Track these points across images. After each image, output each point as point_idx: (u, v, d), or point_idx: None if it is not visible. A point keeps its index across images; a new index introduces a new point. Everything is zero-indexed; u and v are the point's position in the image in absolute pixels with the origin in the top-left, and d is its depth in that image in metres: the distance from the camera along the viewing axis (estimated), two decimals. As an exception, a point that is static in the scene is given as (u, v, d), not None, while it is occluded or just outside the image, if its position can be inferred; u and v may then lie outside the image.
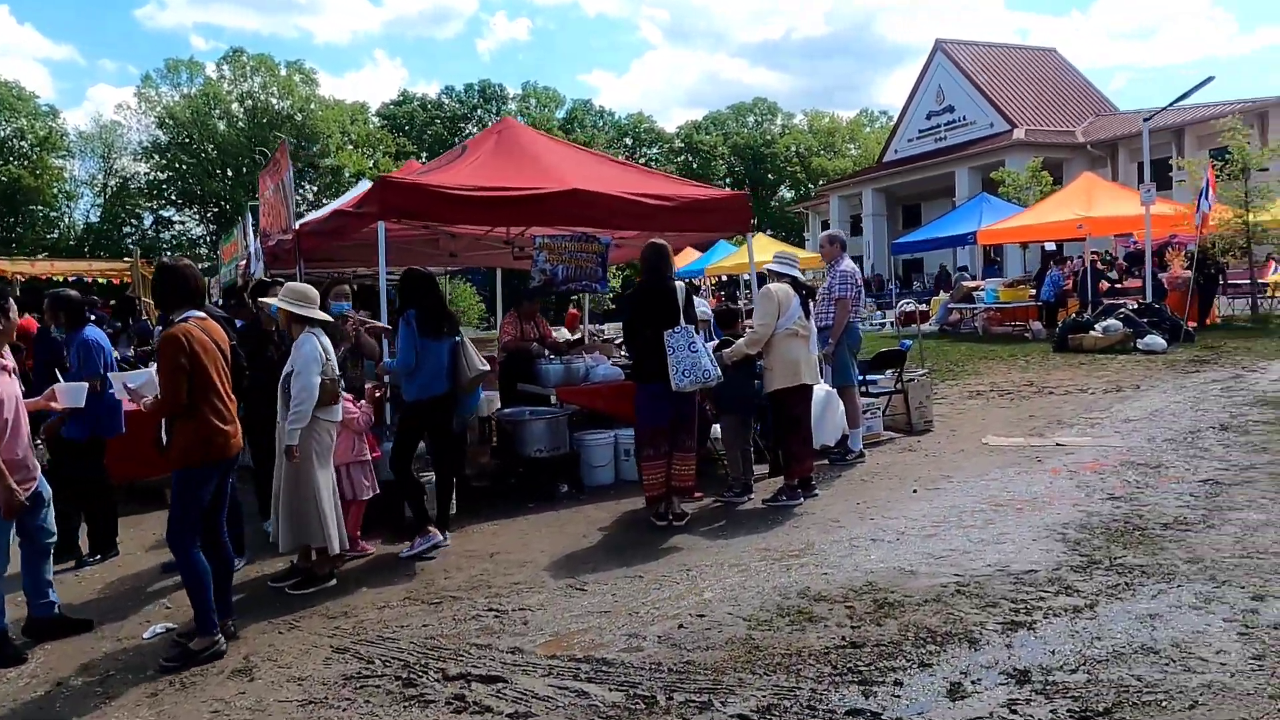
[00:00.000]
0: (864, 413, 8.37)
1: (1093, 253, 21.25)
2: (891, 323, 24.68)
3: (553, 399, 7.49)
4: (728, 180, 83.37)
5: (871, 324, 25.65)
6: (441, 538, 5.63)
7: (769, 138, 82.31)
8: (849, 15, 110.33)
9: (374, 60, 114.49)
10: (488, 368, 5.75)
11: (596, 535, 5.94)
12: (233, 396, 4.21)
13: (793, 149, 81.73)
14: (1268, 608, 3.92)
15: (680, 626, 4.23)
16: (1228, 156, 17.36)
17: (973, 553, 5.02)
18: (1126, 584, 4.36)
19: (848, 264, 7.71)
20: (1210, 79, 16.14)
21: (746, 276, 36.51)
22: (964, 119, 42.14)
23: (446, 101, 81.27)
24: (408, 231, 8.78)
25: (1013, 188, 27.03)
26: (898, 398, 9.06)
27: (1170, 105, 18.37)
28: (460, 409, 5.89)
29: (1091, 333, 14.77)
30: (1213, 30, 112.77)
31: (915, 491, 6.50)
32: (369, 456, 5.66)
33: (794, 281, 6.54)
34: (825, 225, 51.30)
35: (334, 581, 5.18)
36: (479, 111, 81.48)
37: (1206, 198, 15.00)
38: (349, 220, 7.74)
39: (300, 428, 4.83)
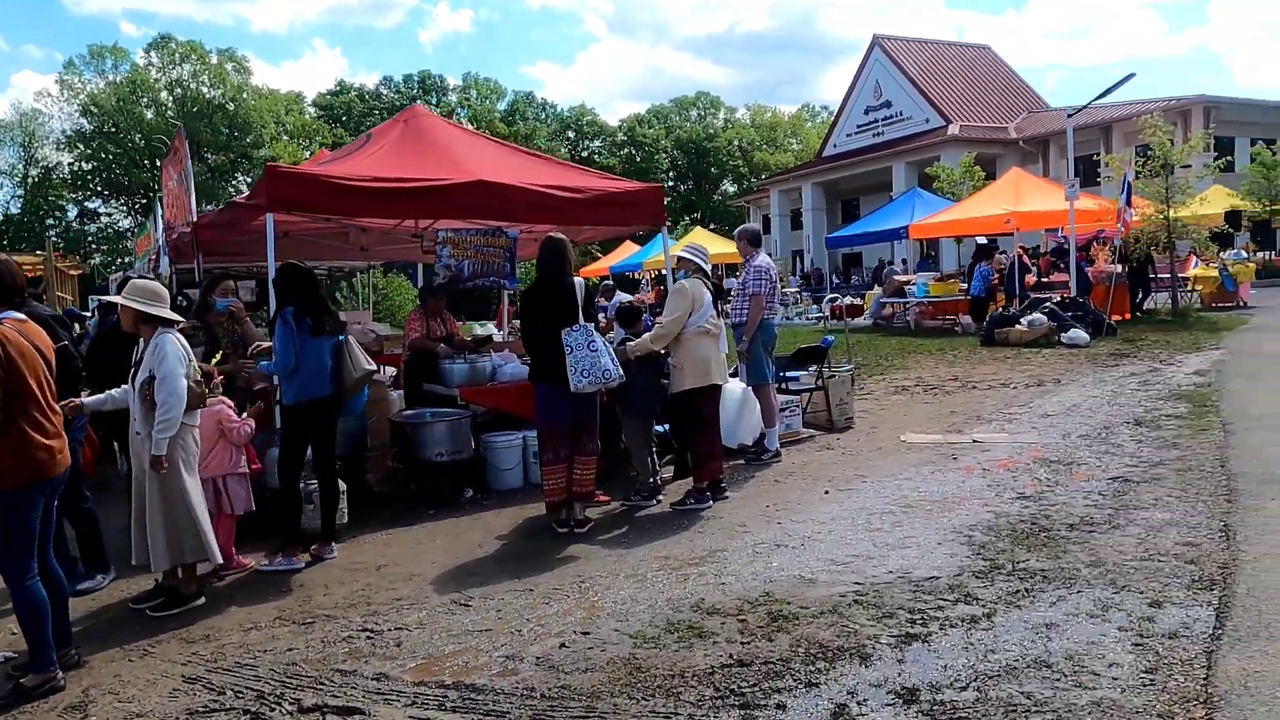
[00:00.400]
0: (782, 411, 8.20)
1: (1020, 247, 21.53)
2: (825, 317, 24.79)
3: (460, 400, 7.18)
4: (670, 174, 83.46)
5: (807, 318, 25.75)
6: (302, 565, 5.29)
7: (712, 132, 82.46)
8: (792, 10, 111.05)
9: (313, 49, 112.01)
10: (373, 367, 5.42)
11: (493, 545, 5.66)
12: (56, 408, 3.82)
13: (735, 143, 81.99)
14: (1164, 615, 3.80)
15: (562, 645, 3.97)
16: (1149, 153, 17.67)
17: (876, 558, 4.85)
18: (1027, 590, 4.22)
19: (762, 259, 7.52)
20: (1131, 76, 16.42)
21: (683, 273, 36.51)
22: (901, 114, 42.60)
23: (385, 92, 79.79)
24: (312, 225, 8.39)
25: (947, 183, 27.32)
26: (819, 395, 8.92)
27: (1091, 103, 18.63)
28: (344, 411, 5.55)
29: (1017, 327, 14.88)
30: (1142, 31, 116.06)
31: (827, 493, 6.33)
32: (246, 469, 5.30)
33: (706, 277, 6.32)
34: (766, 219, 51.51)
35: (202, 600, 4.82)
36: (418, 102, 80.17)
37: (1126, 195, 15.21)
38: (241, 212, 7.32)
39: (169, 436, 4.47)
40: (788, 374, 9.37)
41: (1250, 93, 50.65)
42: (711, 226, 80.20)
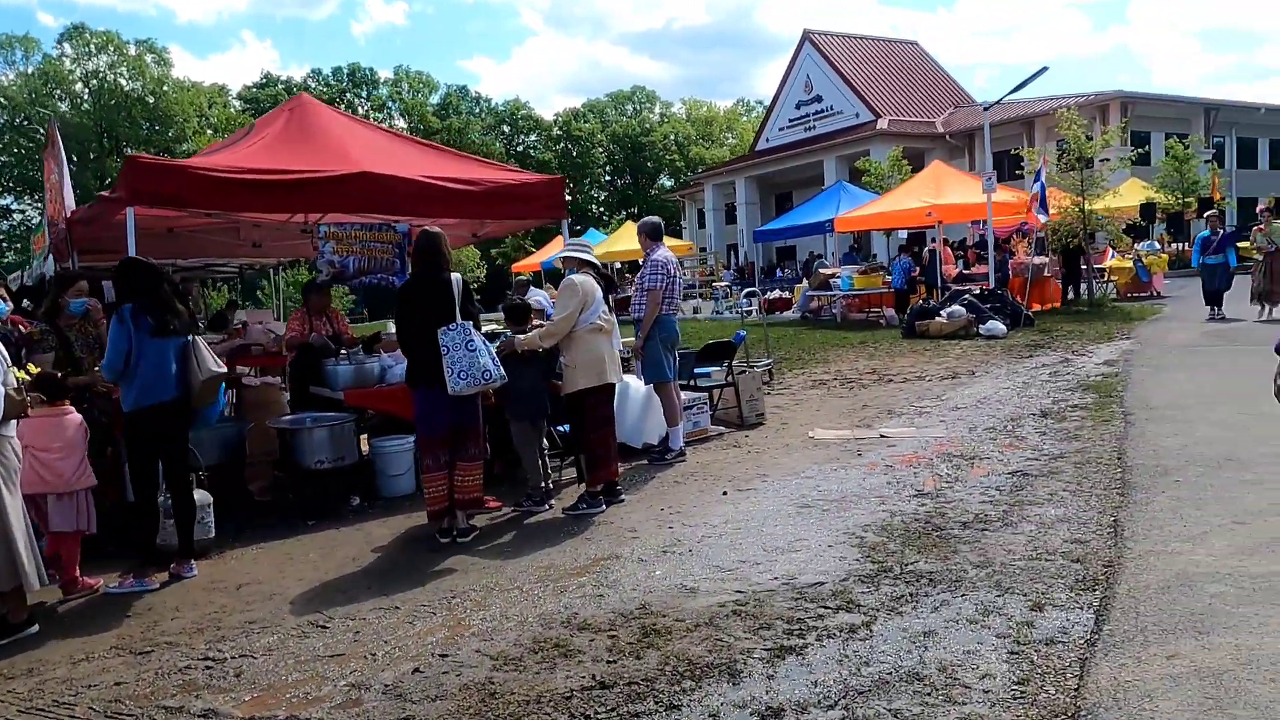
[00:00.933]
0: (689, 408, 8.00)
1: (942, 239, 21.73)
2: (753, 310, 24.78)
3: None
4: (607, 168, 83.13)
5: (737, 311, 25.71)
6: (156, 585, 4.90)
7: (648, 126, 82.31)
8: (729, 6, 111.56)
9: (241, 41, 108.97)
10: (222, 370, 5.03)
11: (368, 558, 5.33)
12: None
13: (671, 138, 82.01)
14: (1043, 620, 3.66)
15: (416, 670, 3.68)
16: (1063, 146, 17.94)
17: (763, 564, 4.65)
18: (911, 595, 4.06)
19: (661, 253, 7.28)
20: (1044, 69, 16.61)
21: (618, 264, 36.21)
22: (831, 109, 42.90)
23: (313, 85, 77.89)
24: (199, 220, 7.93)
25: (875, 176, 27.55)
26: (729, 391, 8.74)
27: (1005, 97, 18.88)
28: (199, 421, 5.16)
29: (937, 319, 14.95)
30: (1067, 29, 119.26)
31: (725, 494, 6.13)
32: (90, 483, 4.89)
33: (595, 271, 6.06)
34: (700, 213, 51.55)
35: (35, 628, 4.41)
36: (348, 95, 78.49)
37: (1044, 194, 15.40)
38: (106, 206, 6.84)
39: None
40: (698, 370, 9.18)
41: (1167, 90, 52.26)
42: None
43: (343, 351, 7.07)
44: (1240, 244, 15.04)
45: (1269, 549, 4.14)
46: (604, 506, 5.90)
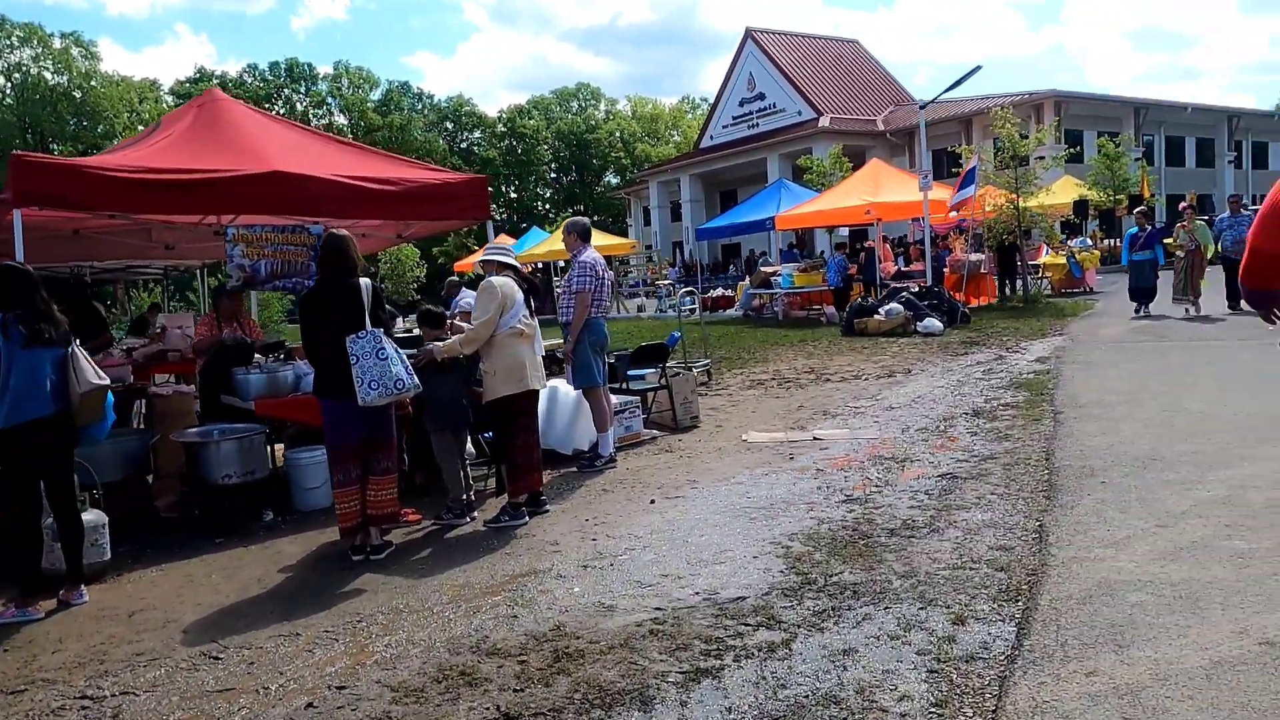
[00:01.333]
0: (621, 412, 7.83)
1: (882, 236, 21.89)
2: (695, 309, 24.72)
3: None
4: (553, 165, 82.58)
5: (680, 311, 25.61)
6: (41, 614, 4.58)
7: (593, 123, 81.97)
8: (674, 3, 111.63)
9: (176, 35, 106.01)
10: (103, 382, 4.70)
11: (275, 579, 5.05)
12: None
13: (617, 134, 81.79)
14: (965, 634, 3.56)
15: (310, 706, 3.45)
16: (999, 144, 18.16)
17: (686, 578, 4.49)
18: (833, 609, 3.93)
19: (589, 254, 7.09)
20: (978, 68, 16.77)
21: (562, 263, 35.90)
22: (774, 106, 43.07)
23: (249, 80, 76.12)
24: (108, 221, 7.52)
25: (817, 174, 27.70)
26: (663, 394, 8.59)
27: (940, 96, 19.07)
28: (85, 440, 4.84)
29: (875, 317, 15.01)
30: (1004, 29, 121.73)
31: (653, 502, 5.97)
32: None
33: (516, 274, 5.84)
34: (646, 211, 51.43)
35: (-99, 668, 4.07)
36: (286, 91, 76.85)
37: (972, 184, 15.55)
38: (-3, 208, 6.43)
39: None
40: (632, 373, 9.02)
41: (1099, 89, 53.49)
42: (595, 218, 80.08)
43: (256, 359, 6.76)
44: (1166, 240, 15.25)
45: (1189, 554, 4.10)
46: (526, 518, 5.70)
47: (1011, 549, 4.44)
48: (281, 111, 76.63)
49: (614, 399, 7.94)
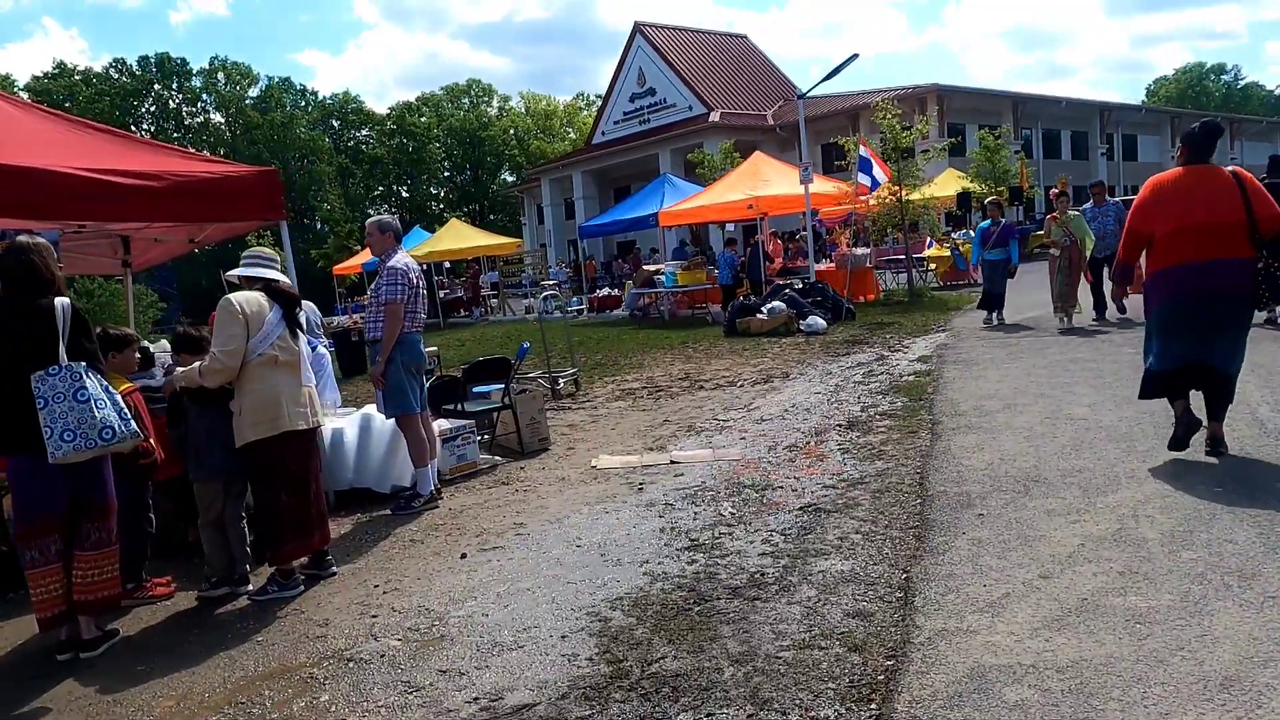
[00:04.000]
0: (452, 439, 6.81)
1: (773, 233, 21.39)
2: (551, 311, 23.78)
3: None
4: (446, 163, 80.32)
5: (565, 312, 24.63)
6: None
7: (485, 120, 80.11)
8: (567, 1, 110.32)
9: (44, 29, 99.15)
10: None
11: (-60, 694, 3.87)
12: None
13: (511, 132, 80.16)
14: (799, 760, 2.70)
15: None
16: (883, 137, 17.78)
17: (469, 674, 3.52)
18: (642, 718, 3.03)
19: (400, 259, 6.02)
20: (854, 56, 16.51)
21: (448, 264, 34.39)
22: (664, 101, 42.50)
23: (117, 76, 71.53)
24: None
25: (709, 169, 27.09)
26: (508, 414, 7.59)
27: (817, 86, 18.78)
28: None
29: (758, 316, 14.35)
30: (888, 28, 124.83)
31: (464, 557, 4.97)
32: None
33: (270, 288, 4.72)
34: (540, 210, 50.21)
35: None
36: (156, 87, 72.46)
37: (870, 173, 15.03)
38: None
39: None
40: (477, 390, 8.00)
41: (978, 85, 54.74)
42: (491, 217, 78.37)
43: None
44: (1036, 233, 14.87)
45: (1079, 619, 3.35)
46: (300, 587, 4.63)
47: (871, 615, 3.62)
48: (152, 110, 72.33)
49: (443, 424, 6.92)
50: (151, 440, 4.63)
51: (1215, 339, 5.02)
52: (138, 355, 5.10)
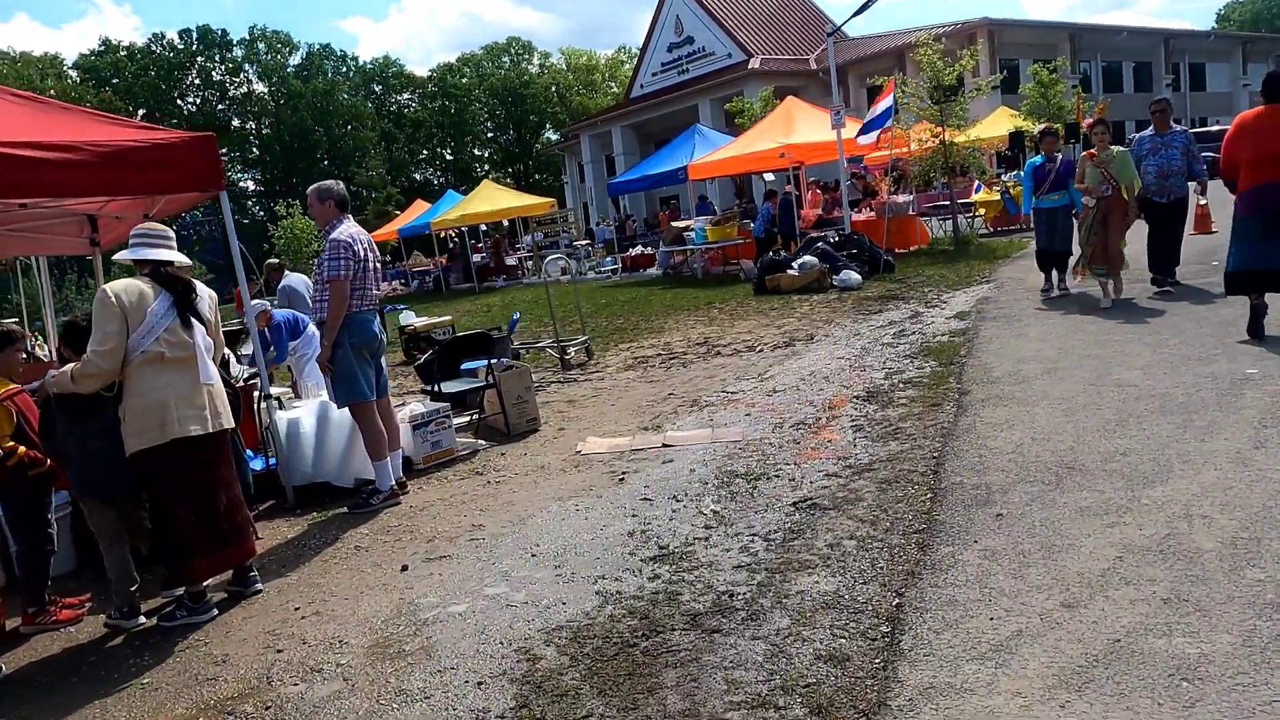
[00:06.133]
0: (424, 425, 6.22)
1: (811, 182, 20.35)
2: (617, 269, 23.06)
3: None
4: (489, 124, 79.55)
5: (598, 272, 23.93)
6: None
7: (526, 78, 78.95)
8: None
9: (97, 7, 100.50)
10: None
11: None
12: None
13: (553, 89, 78.97)
14: None
15: None
16: (923, 74, 16.56)
17: (358, 733, 2.94)
18: (539, 810, 2.40)
19: (345, 229, 5.37)
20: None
21: (485, 226, 33.84)
22: (703, 50, 41.12)
23: (159, 50, 71.97)
24: None
25: (749, 117, 25.94)
26: (492, 393, 6.98)
27: (846, 21, 17.47)
28: None
29: (789, 272, 13.48)
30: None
31: (405, 569, 4.38)
32: None
33: (159, 272, 4.10)
34: (581, 168, 49.31)
35: None
36: (200, 60, 72.76)
37: (892, 116, 13.96)
38: None
39: None
40: (466, 366, 7.41)
41: (1033, 17, 51.79)
42: (536, 177, 77.63)
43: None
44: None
45: (1104, 670, 2.62)
46: (212, 611, 4.09)
47: (846, 660, 2.93)
48: (196, 83, 72.66)
49: (417, 408, 6.34)
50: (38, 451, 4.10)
51: None
52: (23, 356, 4.56)
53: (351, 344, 5.32)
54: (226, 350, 6.15)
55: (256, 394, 5.77)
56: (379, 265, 5.58)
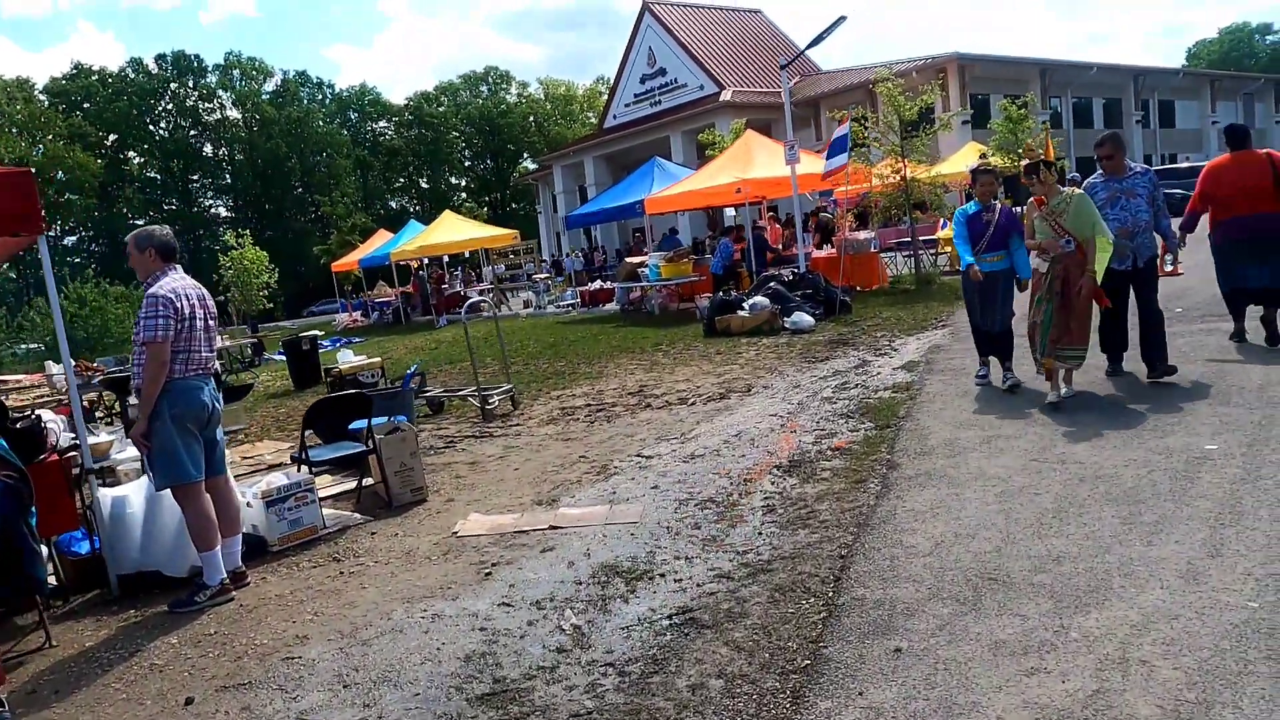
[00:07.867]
0: (280, 501, 5.46)
1: (771, 217, 19.83)
2: (575, 304, 22.39)
3: None
4: (466, 153, 79.11)
5: (558, 306, 23.26)
6: None
7: (504, 107, 78.71)
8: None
9: (80, 32, 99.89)
10: None
11: None
12: None
13: (530, 118, 78.75)
14: None
15: None
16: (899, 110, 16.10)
17: None
18: None
19: (167, 283, 4.61)
20: (843, 18, 14.62)
21: (447, 258, 33.14)
22: (675, 82, 40.93)
23: (133, 75, 71.18)
24: None
25: (720, 150, 25.49)
26: (372, 460, 6.22)
27: (803, 51, 17.04)
28: None
29: (739, 313, 12.84)
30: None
31: (191, 702, 3.61)
32: None
33: None
34: (554, 198, 48.81)
35: None
36: (173, 86, 71.95)
37: (846, 150, 13.41)
38: None
39: None
40: (354, 426, 6.65)
41: (1003, 52, 51.70)
42: (512, 206, 77.16)
43: None
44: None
45: None
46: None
47: None
48: (170, 108, 71.81)
49: (277, 480, 5.58)
50: None
51: (1262, 265, 7.02)
52: None
53: (172, 415, 4.56)
54: (49, 412, 5.39)
55: (76, 468, 4.99)
56: (213, 322, 4.83)
